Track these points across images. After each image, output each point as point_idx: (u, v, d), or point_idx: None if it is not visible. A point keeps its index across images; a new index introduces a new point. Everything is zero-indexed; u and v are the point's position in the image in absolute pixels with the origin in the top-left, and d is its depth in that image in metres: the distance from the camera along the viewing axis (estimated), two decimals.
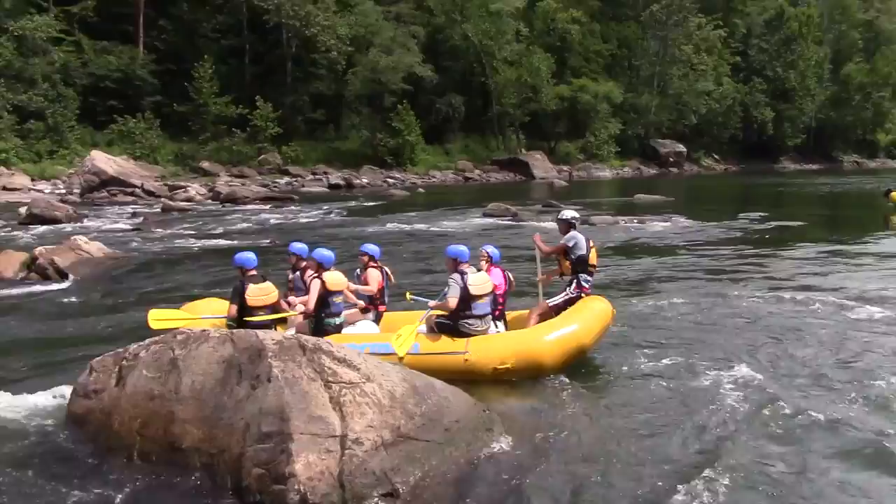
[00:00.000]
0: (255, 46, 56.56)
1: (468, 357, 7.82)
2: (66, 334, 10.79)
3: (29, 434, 6.97)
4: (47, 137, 46.57)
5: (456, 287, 8.04)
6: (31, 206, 27.12)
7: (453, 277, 8.13)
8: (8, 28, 45.80)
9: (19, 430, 7.06)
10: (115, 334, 10.37)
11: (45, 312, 12.26)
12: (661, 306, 11.83)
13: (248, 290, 8.20)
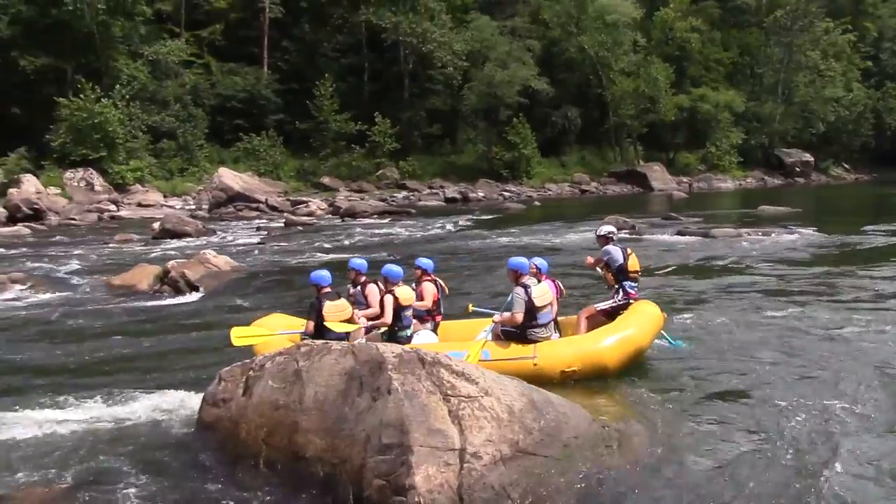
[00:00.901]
0: (373, 64, 57.79)
1: (537, 362, 8.21)
2: (196, 345, 11.25)
3: (163, 440, 7.34)
4: (178, 156, 48.84)
5: (521, 302, 8.47)
6: (163, 222, 28.47)
7: (517, 292, 8.53)
8: (143, 53, 48.27)
9: (154, 436, 7.44)
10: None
11: (177, 324, 12.82)
12: (783, 320, 11.39)
13: (325, 306, 8.51)
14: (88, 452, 6.98)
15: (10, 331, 12.65)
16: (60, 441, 7.34)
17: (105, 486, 6.16)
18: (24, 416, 7.96)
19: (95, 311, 14.09)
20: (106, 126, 42.71)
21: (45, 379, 9.54)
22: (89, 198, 41.53)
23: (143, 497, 5.99)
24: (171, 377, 9.42)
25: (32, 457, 6.93)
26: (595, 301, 10.12)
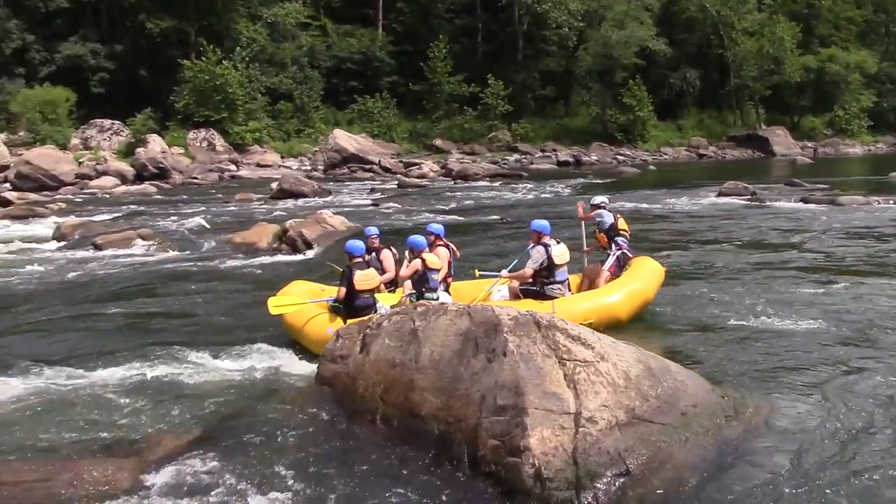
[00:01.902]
0: (487, 25, 57.39)
1: (556, 316, 7.99)
2: None
3: (283, 393, 7.59)
4: (295, 117, 49.90)
5: (539, 258, 9.24)
6: (280, 182, 29.22)
7: (538, 249, 9.30)
8: (262, 15, 49.30)
9: (275, 390, 7.71)
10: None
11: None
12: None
13: (356, 275, 8.88)
14: (214, 404, 7.28)
15: (138, 285, 13.25)
16: (188, 392, 7.69)
17: (229, 436, 6.41)
18: (150, 368, 8.36)
19: (218, 268, 14.63)
20: (226, 88, 43.96)
21: (171, 332, 9.97)
22: (210, 158, 42.97)
23: (265, 446, 6.20)
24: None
25: (160, 406, 7.28)
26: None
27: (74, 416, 7.03)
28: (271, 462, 5.91)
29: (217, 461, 5.90)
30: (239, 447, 6.17)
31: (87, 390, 7.76)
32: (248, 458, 5.99)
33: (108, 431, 6.67)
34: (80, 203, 29.12)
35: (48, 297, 12.46)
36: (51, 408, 7.25)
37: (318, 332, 8.66)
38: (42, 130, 40.39)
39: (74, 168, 38.03)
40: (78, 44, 45.35)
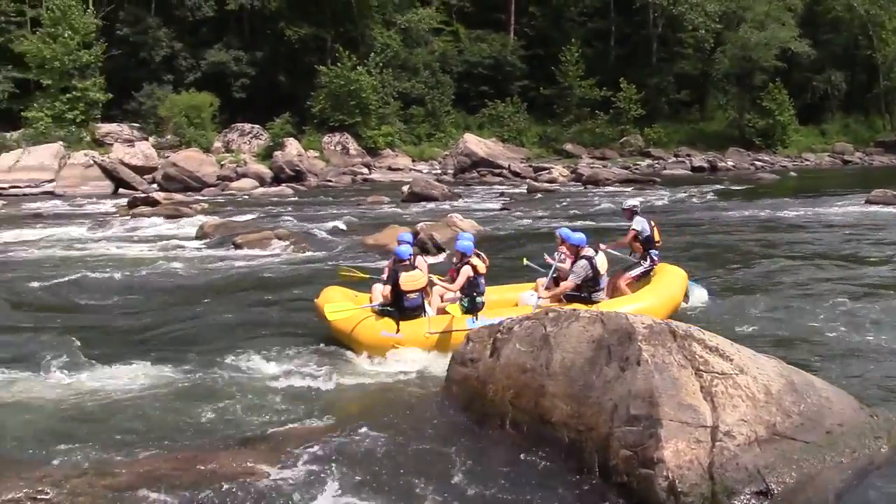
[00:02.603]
0: (620, 28, 56.66)
1: None
2: None
3: (413, 394, 7.67)
4: (426, 122, 50.59)
5: (583, 273, 9.48)
6: (411, 185, 29.65)
7: (581, 264, 9.51)
8: (396, 21, 50.24)
9: (406, 390, 7.81)
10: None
11: None
12: None
13: (401, 277, 9.10)
14: (347, 402, 7.46)
15: (275, 283, 13.70)
16: (323, 389, 7.89)
17: (361, 434, 6.52)
18: (287, 364, 8.64)
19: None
20: (360, 93, 45.01)
21: (306, 330, 10.22)
22: (344, 161, 44.08)
23: (395, 446, 6.28)
24: None
25: (296, 401, 7.49)
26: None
27: (215, 407, 7.32)
28: (400, 462, 5.99)
29: (348, 458, 6.02)
30: (369, 446, 6.26)
31: (226, 383, 8.06)
32: (378, 457, 6.07)
33: (247, 424, 6.92)
34: (221, 203, 30.37)
35: (191, 292, 13.02)
36: (194, 399, 7.58)
37: (370, 335, 8.91)
38: (188, 134, 42.45)
39: (216, 170, 39.84)
40: (222, 51, 47.44)
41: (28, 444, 6.44)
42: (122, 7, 47.11)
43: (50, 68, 41.97)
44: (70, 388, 8.02)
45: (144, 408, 7.38)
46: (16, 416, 7.14)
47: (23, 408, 7.37)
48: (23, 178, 37.81)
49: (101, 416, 7.17)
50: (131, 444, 6.41)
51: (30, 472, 5.44)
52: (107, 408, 7.38)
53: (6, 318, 10.99)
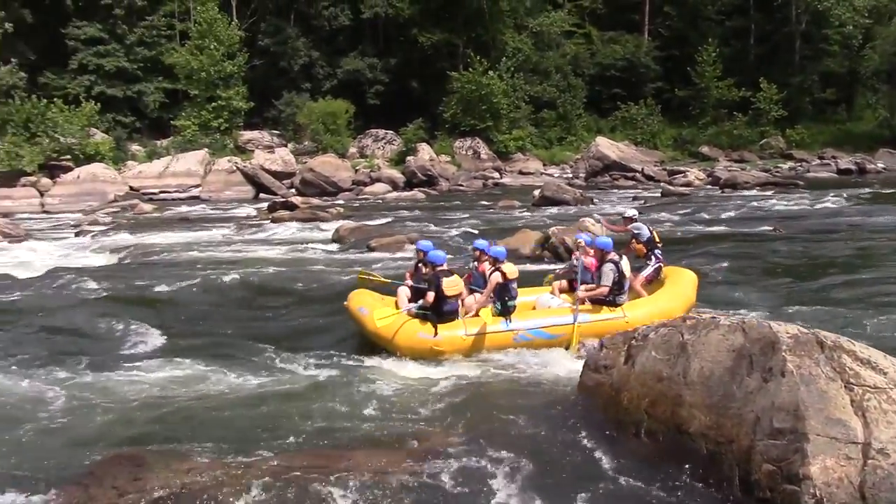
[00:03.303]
0: (760, 26, 54.62)
1: (627, 319, 9.52)
2: None
3: (545, 399, 7.64)
4: (557, 125, 50.30)
5: (612, 275, 9.79)
6: (543, 190, 29.52)
7: (609, 267, 9.82)
8: (528, 25, 50.21)
9: (538, 394, 7.80)
10: None
11: None
12: None
13: (443, 282, 9.32)
14: (479, 405, 7.50)
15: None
16: (456, 389, 7.99)
17: (492, 436, 6.55)
18: (422, 366, 8.80)
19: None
20: (491, 97, 45.13)
21: None
22: (475, 165, 44.33)
23: (526, 450, 6.28)
24: None
25: (428, 402, 7.61)
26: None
27: (352, 407, 7.50)
28: (533, 469, 5.98)
29: (479, 461, 6.07)
30: (501, 452, 6.27)
31: (361, 383, 8.25)
32: (511, 463, 6.09)
33: (379, 425, 7.06)
34: (356, 208, 31.08)
35: (328, 293, 13.37)
36: (328, 398, 7.81)
37: (409, 338, 9.20)
38: (324, 140, 43.68)
39: (351, 175, 40.85)
40: (357, 59, 48.60)
41: (177, 437, 6.78)
42: (263, 19, 49.01)
43: (197, 79, 44.06)
44: (212, 384, 8.42)
45: (283, 405, 7.65)
46: (164, 412, 7.52)
47: (170, 403, 7.76)
48: (172, 184, 39.95)
49: (243, 411, 7.48)
50: (271, 440, 6.66)
51: (179, 464, 5.71)
52: (247, 404, 7.69)
53: (153, 317, 11.57)
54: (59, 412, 7.48)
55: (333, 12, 48.96)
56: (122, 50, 45.87)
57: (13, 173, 38.81)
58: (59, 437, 6.90)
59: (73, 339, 10.27)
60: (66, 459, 6.27)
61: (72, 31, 45.05)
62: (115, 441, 6.73)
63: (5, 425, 7.09)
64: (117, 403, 7.71)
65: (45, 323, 11.11)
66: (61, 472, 5.99)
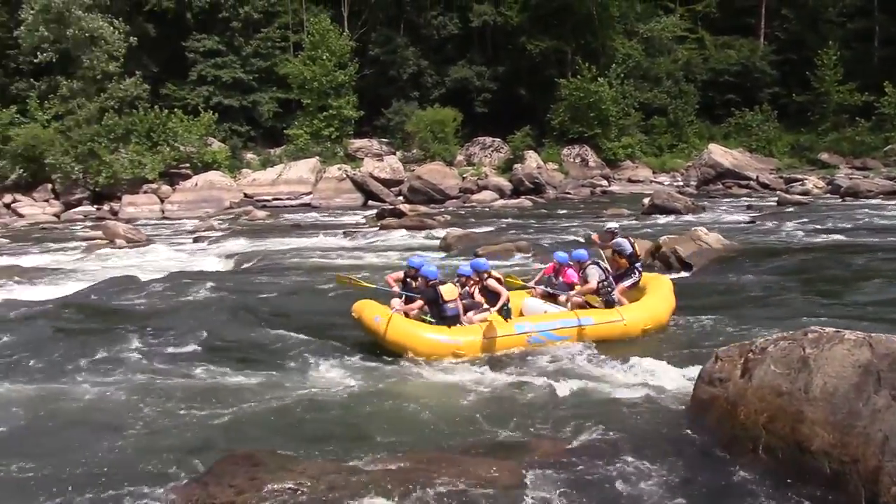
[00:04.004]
0: (885, 27, 52.23)
1: (626, 322, 10.34)
2: (689, 322, 11.23)
3: (656, 411, 7.47)
4: (668, 132, 49.39)
5: (596, 275, 10.71)
6: (653, 198, 28.99)
7: (593, 268, 10.79)
8: (638, 31, 49.50)
9: (649, 406, 7.61)
10: (738, 325, 10.57)
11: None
12: None
13: (441, 289, 9.92)
14: (590, 415, 7.36)
15: None
16: (565, 398, 7.88)
17: (603, 448, 6.44)
18: (534, 375, 8.70)
19: None
20: (600, 104, 44.67)
21: None
22: (583, 173, 43.95)
23: (638, 463, 6.14)
24: (664, 350, 9.57)
25: (541, 410, 7.55)
26: None
27: (454, 411, 7.52)
28: (645, 480, 5.87)
29: (590, 473, 5.96)
30: (612, 461, 6.17)
31: (468, 389, 8.25)
32: (621, 473, 5.98)
33: (490, 432, 7.03)
34: (463, 215, 31.24)
35: None
36: (437, 402, 7.84)
37: (432, 343, 9.60)
38: (432, 148, 44.06)
39: (458, 182, 41.11)
40: (465, 67, 48.87)
41: (289, 438, 6.92)
42: (373, 29, 49.85)
43: (309, 88, 45.17)
44: (320, 386, 8.60)
45: (389, 407, 7.73)
46: (276, 413, 7.69)
47: (281, 404, 7.95)
48: (284, 191, 41.07)
49: (352, 413, 7.61)
50: (380, 442, 6.74)
51: (293, 465, 5.83)
52: (354, 406, 7.83)
53: (265, 322, 11.87)
54: (177, 411, 7.75)
55: (442, 21, 49.40)
56: (238, 61, 47.48)
57: (136, 180, 40.68)
58: (179, 434, 7.14)
59: (188, 340, 10.62)
60: (186, 457, 6.49)
61: (192, 43, 46.88)
62: (232, 440, 6.93)
63: (130, 423, 7.39)
64: (231, 403, 7.94)
65: (162, 325, 11.54)
66: (182, 469, 6.21)
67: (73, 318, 12.04)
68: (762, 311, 11.67)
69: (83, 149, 40.50)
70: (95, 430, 7.25)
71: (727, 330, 10.43)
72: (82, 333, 10.95)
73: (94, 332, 11.03)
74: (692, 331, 10.75)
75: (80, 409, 7.96)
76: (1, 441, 7.10)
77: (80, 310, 12.77)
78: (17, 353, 9.94)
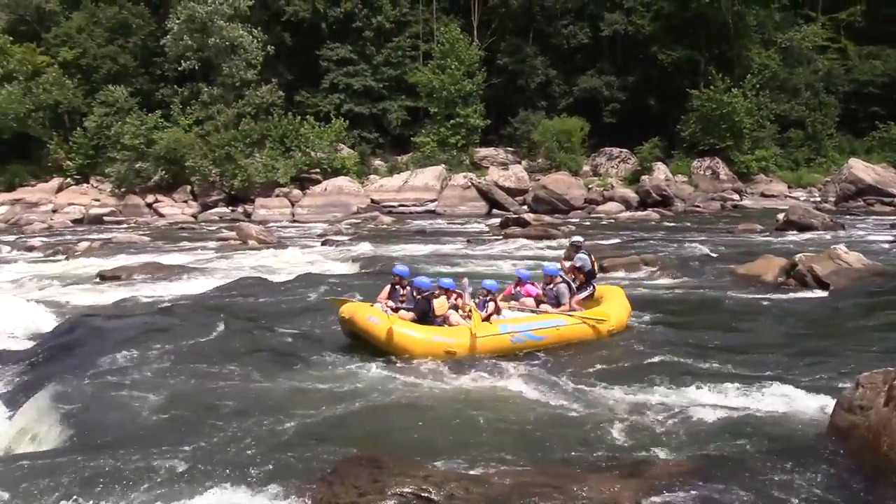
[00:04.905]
0: None
1: (611, 327, 11.37)
2: (825, 344, 10.69)
3: (788, 436, 7.11)
4: (805, 146, 47.50)
5: (566, 291, 11.66)
6: (788, 213, 27.86)
7: (562, 285, 11.71)
8: (776, 40, 47.81)
9: (780, 432, 7.25)
10: (880, 351, 9.96)
11: (805, 320, 12.34)
12: None
13: (434, 303, 10.52)
14: (714, 435, 7.09)
15: (641, 309, 13.46)
16: (689, 419, 7.59)
17: (730, 472, 6.17)
18: (649, 393, 8.47)
19: (720, 299, 14.31)
20: (733, 116, 43.35)
21: (672, 359, 9.94)
22: (713, 186, 42.74)
23: (773, 488, 5.89)
24: (799, 374, 9.09)
25: (659, 430, 7.30)
26: None
27: (584, 430, 7.35)
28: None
29: (714, 496, 5.71)
30: (739, 485, 5.89)
31: (592, 407, 8.08)
32: (753, 501, 5.68)
33: (614, 449, 6.86)
34: (587, 226, 30.88)
35: None
36: (547, 415, 7.76)
37: (426, 343, 10.04)
38: (558, 158, 43.79)
39: (584, 193, 40.75)
40: (594, 77, 48.34)
41: (412, 443, 6.98)
42: (503, 38, 49.97)
43: (437, 97, 45.73)
44: (441, 391, 8.67)
45: (518, 421, 7.65)
46: (398, 416, 7.76)
47: (403, 409, 8.02)
48: (410, 198, 41.71)
49: (473, 421, 7.59)
50: (503, 455, 6.68)
51: (416, 470, 5.85)
52: (476, 414, 7.78)
53: None
54: (304, 410, 7.91)
55: (572, 31, 49.07)
56: (369, 70, 48.57)
57: (269, 184, 42.18)
58: (306, 433, 7.30)
59: (314, 341, 10.89)
60: (312, 455, 6.61)
61: (325, 52, 48.24)
62: (355, 441, 7.02)
63: (258, 421, 7.59)
64: (355, 405, 8.07)
65: (287, 324, 11.97)
66: (308, 467, 6.32)
67: (206, 314, 12.48)
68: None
69: (220, 153, 42.35)
70: (224, 423, 7.50)
71: (867, 354, 9.82)
72: (213, 330, 11.38)
73: (225, 329, 11.45)
74: (828, 353, 10.16)
75: (209, 401, 8.27)
76: (126, 429, 7.43)
77: (214, 307, 13.25)
78: (153, 346, 10.38)
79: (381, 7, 48.50)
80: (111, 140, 45.00)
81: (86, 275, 18.96)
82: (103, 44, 48.33)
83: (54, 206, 44.58)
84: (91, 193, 46.07)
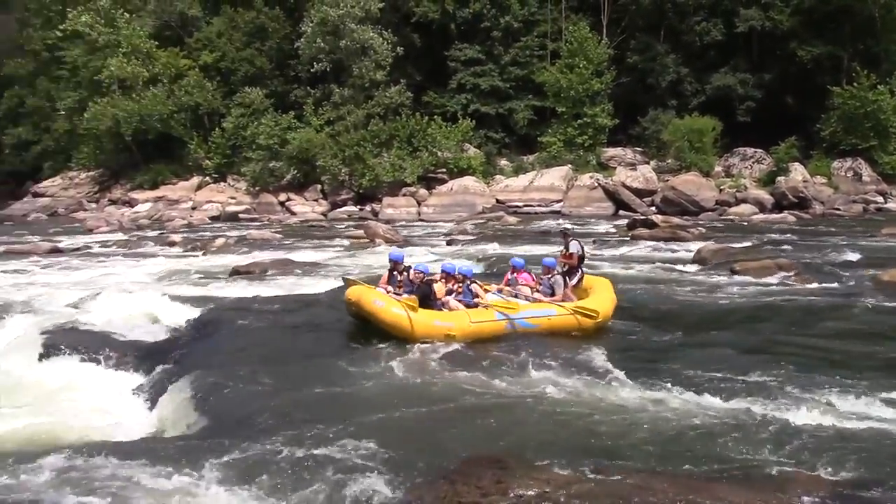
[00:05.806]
0: None
1: (598, 319, 11.61)
2: None
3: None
4: None
5: (562, 282, 12.35)
6: None
7: (558, 277, 12.42)
8: None
9: None
10: None
11: None
12: None
13: (435, 286, 11.42)
14: (850, 452, 6.67)
15: (774, 315, 12.99)
16: (823, 433, 7.16)
17: (870, 491, 5.81)
18: (784, 405, 8.03)
19: (860, 305, 13.56)
20: (879, 114, 41.21)
21: (805, 367, 9.44)
22: (855, 188, 40.75)
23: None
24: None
25: (807, 441, 6.90)
26: None
27: (711, 438, 7.06)
28: None
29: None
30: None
31: (725, 417, 7.73)
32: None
33: (744, 459, 6.55)
34: (718, 228, 29.97)
35: (686, 316, 12.96)
36: (695, 425, 7.44)
37: (428, 326, 10.48)
38: (688, 158, 42.65)
39: (715, 195, 39.57)
40: (728, 74, 46.70)
41: (535, 445, 6.88)
42: (633, 36, 49.03)
43: (565, 96, 45.35)
44: (557, 393, 8.54)
45: (643, 425, 7.44)
46: (521, 418, 7.69)
47: (525, 410, 7.96)
48: (535, 198, 41.57)
49: (603, 427, 7.41)
50: (629, 459, 6.52)
51: (538, 473, 5.80)
52: (606, 420, 7.61)
53: None
54: (424, 408, 7.98)
55: (705, 27, 47.55)
56: (496, 70, 48.58)
57: (396, 183, 42.86)
58: (426, 430, 7.39)
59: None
60: (435, 453, 6.65)
61: (453, 52, 48.54)
62: (478, 441, 7.02)
63: (383, 415, 7.73)
64: (478, 405, 8.09)
65: None
66: (431, 465, 6.35)
67: (334, 310, 12.70)
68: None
69: (350, 153, 43.35)
70: (348, 415, 7.64)
71: None
72: (340, 325, 11.79)
73: (350, 323, 11.77)
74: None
75: (335, 392, 8.53)
76: (255, 420, 7.69)
77: (342, 303, 13.51)
78: (283, 340, 10.68)
79: (509, 7, 48.34)
80: (247, 140, 46.92)
81: (221, 270, 19.74)
82: (241, 47, 50.29)
83: (193, 203, 46.79)
84: (227, 192, 48.13)
